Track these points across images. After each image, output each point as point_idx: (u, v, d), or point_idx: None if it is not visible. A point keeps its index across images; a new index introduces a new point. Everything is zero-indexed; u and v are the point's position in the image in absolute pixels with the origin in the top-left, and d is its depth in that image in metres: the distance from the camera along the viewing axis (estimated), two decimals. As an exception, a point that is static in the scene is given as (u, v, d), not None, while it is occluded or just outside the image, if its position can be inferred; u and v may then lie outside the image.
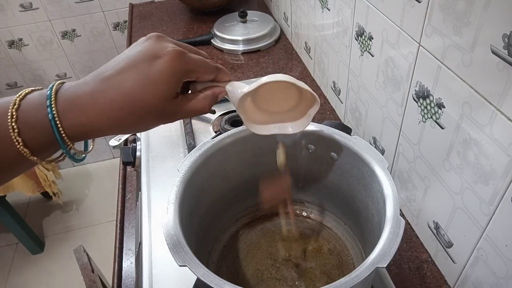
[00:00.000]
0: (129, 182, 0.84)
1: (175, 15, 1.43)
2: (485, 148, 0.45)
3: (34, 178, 1.65)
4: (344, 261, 0.57)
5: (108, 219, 1.90)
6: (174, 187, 0.47)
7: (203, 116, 0.91)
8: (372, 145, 0.57)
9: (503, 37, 0.39)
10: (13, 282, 1.71)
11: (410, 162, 0.63)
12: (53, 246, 1.83)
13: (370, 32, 0.68)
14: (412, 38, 0.55)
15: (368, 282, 0.47)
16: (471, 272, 0.53)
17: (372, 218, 0.49)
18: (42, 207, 2.00)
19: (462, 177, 0.51)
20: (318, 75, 1.02)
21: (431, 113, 0.54)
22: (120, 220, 0.76)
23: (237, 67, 1.12)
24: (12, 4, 1.61)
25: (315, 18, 0.94)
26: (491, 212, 0.47)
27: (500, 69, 0.40)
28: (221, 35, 1.20)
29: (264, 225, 0.62)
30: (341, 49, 0.82)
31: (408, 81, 0.59)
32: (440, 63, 0.50)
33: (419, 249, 0.65)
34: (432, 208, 0.60)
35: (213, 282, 0.37)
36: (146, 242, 0.64)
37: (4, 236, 1.84)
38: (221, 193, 0.57)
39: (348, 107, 0.86)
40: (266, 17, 1.28)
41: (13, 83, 1.84)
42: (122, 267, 0.68)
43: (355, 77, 0.78)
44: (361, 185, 0.51)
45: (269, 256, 0.58)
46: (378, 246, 0.39)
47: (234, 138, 0.54)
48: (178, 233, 0.42)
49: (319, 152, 0.55)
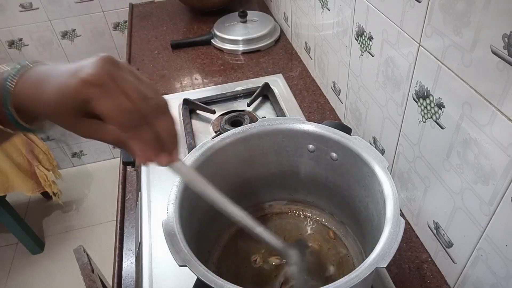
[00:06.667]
0: (129, 182, 0.84)
1: (175, 15, 1.43)
2: (485, 148, 0.45)
3: (34, 178, 1.65)
4: (344, 261, 0.57)
5: (108, 219, 1.89)
6: (174, 187, 0.47)
7: (203, 116, 0.91)
8: (372, 145, 0.57)
9: (503, 37, 0.39)
10: (13, 282, 1.71)
11: (410, 162, 0.63)
12: (53, 246, 1.83)
13: (370, 32, 0.68)
14: (412, 38, 0.55)
15: (368, 282, 0.47)
16: (471, 272, 0.53)
17: (372, 218, 0.49)
18: (42, 207, 2.00)
19: (462, 177, 0.51)
20: (318, 75, 1.02)
21: (431, 113, 0.54)
22: (120, 220, 0.76)
23: (237, 67, 1.12)
24: (12, 4, 1.61)
25: (315, 18, 0.94)
26: (491, 212, 0.47)
27: (500, 69, 0.40)
28: (221, 35, 1.20)
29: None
30: (341, 49, 0.82)
31: (408, 81, 0.59)
32: (440, 63, 0.50)
33: (419, 249, 0.65)
34: (432, 208, 0.60)
35: (213, 282, 0.37)
36: (146, 242, 0.64)
37: (4, 236, 1.84)
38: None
39: (348, 107, 0.86)
40: (266, 17, 1.28)
41: (13, 83, 1.84)
42: (122, 267, 0.68)
43: (355, 77, 0.78)
44: (361, 185, 0.51)
45: (269, 256, 0.58)
46: (378, 246, 0.39)
47: (234, 138, 0.54)
48: (178, 233, 0.42)
49: (319, 152, 0.55)
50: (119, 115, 0.34)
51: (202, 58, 1.18)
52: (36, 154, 1.63)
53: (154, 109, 0.36)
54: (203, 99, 0.93)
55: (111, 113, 0.34)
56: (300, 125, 0.55)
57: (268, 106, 0.93)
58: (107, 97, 0.33)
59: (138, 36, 1.33)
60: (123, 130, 0.35)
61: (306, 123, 0.55)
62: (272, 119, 0.56)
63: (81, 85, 0.33)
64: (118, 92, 0.34)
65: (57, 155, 2.06)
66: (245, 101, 0.93)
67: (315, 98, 1.00)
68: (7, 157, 1.53)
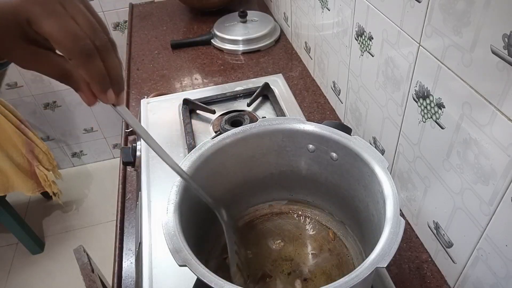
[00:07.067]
0: (129, 182, 0.84)
1: (175, 15, 1.43)
2: (485, 148, 0.45)
3: (34, 178, 1.64)
4: (344, 261, 0.57)
5: (108, 219, 1.90)
6: (174, 187, 0.47)
7: (203, 116, 0.91)
8: (372, 145, 0.57)
9: (503, 37, 0.39)
10: (13, 282, 1.71)
11: (410, 162, 0.63)
12: (53, 246, 1.83)
13: (370, 32, 0.68)
14: (412, 38, 0.55)
15: (368, 282, 0.47)
16: (471, 272, 0.53)
17: (372, 218, 0.49)
18: (42, 207, 2.00)
19: (462, 177, 0.51)
20: (318, 75, 1.02)
21: (431, 113, 0.54)
22: (120, 220, 0.76)
23: (237, 67, 1.12)
24: (12, 4, 1.61)
25: (315, 18, 0.94)
26: (491, 212, 0.47)
27: (500, 69, 0.40)
28: (221, 35, 1.20)
29: (264, 225, 0.62)
30: (341, 49, 0.82)
31: (408, 81, 0.59)
32: (440, 63, 0.50)
33: (419, 249, 0.65)
34: (432, 208, 0.60)
35: (213, 282, 0.37)
36: (146, 242, 0.64)
37: (4, 236, 1.84)
38: (221, 193, 0.57)
39: (348, 107, 0.86)
40: (266, 17, 1.28)
41: (13, 83, 1.84)
42: (122, 267, 0.68)
43: (355, 77, 0.78)
44: (361, 185, 0.51)
45: (269, 256, 0.58)
46: (378, 246, 0.39)
47: (234, 138, 0.54)
48: (178, 233, 0.42)
49: (319, 152, 0.55)
50: (69, 38, 0.31)
51: (202, 58, 1.18)
52: (36, 154, 1.63)
53: (105, 44, 0.34)
54: (203, 99, 0.93)
55: (59, 35, 0.31)
56: (300, 125, 0.55)
57: (268, 106, 0.93)
58: (53, 17, 0.30)
59: (138, 36, 1.33)
60: (71, 56, 0.32)
61: (306, 123, 0.55)
62: (272, 119, 0.56)
63: (24, 2, 0.30)
64: (66, 15, 0.31)
65: (57, 155, 2.06)
66: (245, 101, 0.93)
67: (315, 98, 1.00)
68: (7, 157, 1.53)
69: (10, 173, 1.54)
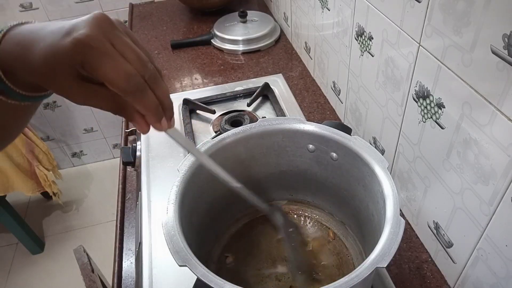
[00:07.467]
0: (129, 182, 0.84)
1: (175, 15, 1.43)
2: (485, 148, 0.45)
3: (34, 178, 1.65)
4: (344, 261, 0.57)
5: (108, 219, 1.89)
6: (174, 187, 0.47)
7: (203, 116, 0.91)
8: (372, 145, 0.57)
9: (503, 37, 0.39)
10: (13, 282, 1.71)
11: (410, 162, 0.63)
12: (53, 246, 1.83)
13: (370, 32, 0.68)
14: (412, 38, 0.55)
15: (368, 282, 0.47)
16: (471, 272, 0.53)
17: (372, 218, 0.49)
18: (42, 207, 2.00)
19: (462, 177, 0.51)
20: (318, 75, 1.02)
21: (431, 113, 0.54)
22: (120, 220, 0.76)
23: (237, 67, 1.12)
24: (12, 4, 1.61)
25: (315, 18, 0.94)
26: (491, 212, 0.47)
27: (500, 69, 0.40)
28: (221, 35, 1.20)
29: (264, 225, 0.62)
30: (341, 49, 0.82)
31: (408, 81, 0.59)
32: (440, 63, 0.50)
33: (419, 249, 0.65)
34: (432, 208, 0.60)
35: (213, 282, 0.37)
36: (146, 242, 0.64)
37: (4, 236, 1.84)
38: (221, 193, 0.57)
39: (348, 107, 0.86)
40: (266, 17, 1.28)
41: (13, 83, 1.84)
42: (122, 267, 0.68)
43: (355, 77, 0.78)
44: (361, 185, 0.51)
45: (269, 256, 0.58)
46: (378, 246, 0.39)
47: (234, 138, 0.54)
48: (178, 233, 0.42)
49: (319, 152, 0.55)
50: (123, 79, 0.32)
51: (202, 58, 1.18)
52: (36, 154, 1.63)
53: (154, 74, 0.35)
54: (203, 99, 0.93)
55: (113, 77, 0.31)
56: (300, 125, 0.55)
57: (268, 106, 0.93)
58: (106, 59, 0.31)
59: (138, 36, 1.33)
60: (125, 95, 0.33)
61: (306, 123, 0.55)
62: (272, 119, 0.56)
63: (76, 46, 0.31)
64: (117, 54, 0.32)
65: (57, 155, 2.06)
66: (245, 101, 0.93)
67: (315, 98, 1.00)
68: (7, 157, 1.53)
69: (10, 173, 1.54)
